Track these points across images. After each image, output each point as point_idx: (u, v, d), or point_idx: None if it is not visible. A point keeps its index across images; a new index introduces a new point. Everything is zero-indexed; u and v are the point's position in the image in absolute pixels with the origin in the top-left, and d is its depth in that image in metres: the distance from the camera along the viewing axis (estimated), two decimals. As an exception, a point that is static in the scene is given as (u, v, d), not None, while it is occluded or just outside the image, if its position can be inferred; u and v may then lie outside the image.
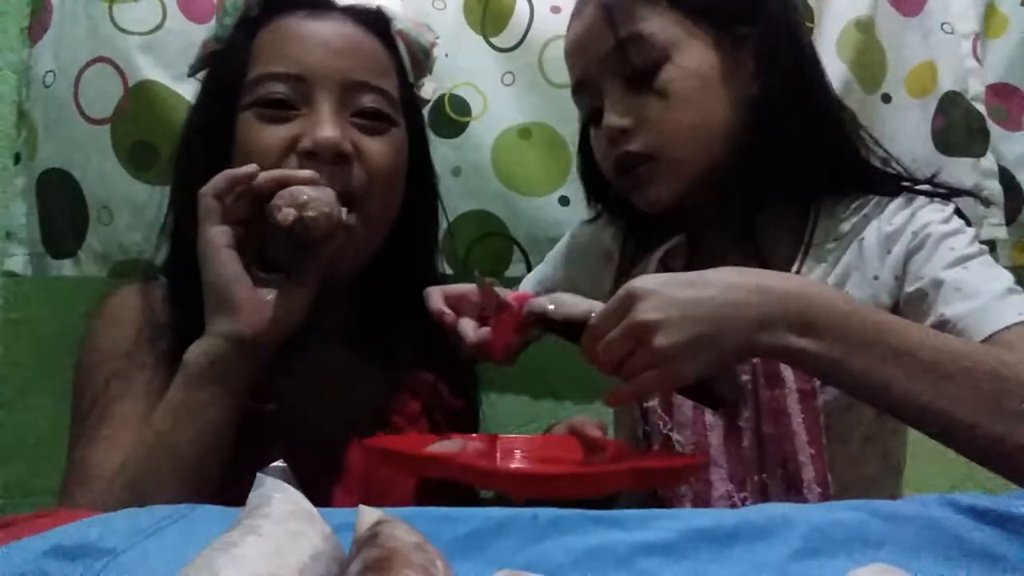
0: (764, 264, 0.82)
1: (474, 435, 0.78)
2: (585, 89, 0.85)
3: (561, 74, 1.22)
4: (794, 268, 0.82)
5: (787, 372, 0.76)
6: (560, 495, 0.68)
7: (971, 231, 0.78)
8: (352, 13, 0.82)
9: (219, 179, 0.68)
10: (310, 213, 0.66)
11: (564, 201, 1.22)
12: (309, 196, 0.67)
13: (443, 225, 0.92)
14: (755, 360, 0.77)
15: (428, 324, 0.75)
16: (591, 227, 1.00)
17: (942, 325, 0.69)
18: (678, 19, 0.79)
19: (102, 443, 0.70)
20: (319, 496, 0.43)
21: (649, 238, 0.91)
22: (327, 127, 0.73)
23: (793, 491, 0.76)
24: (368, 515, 0.40)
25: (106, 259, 1.20)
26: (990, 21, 1.21)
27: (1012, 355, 0.62)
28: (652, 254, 0.87)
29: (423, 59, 0.87)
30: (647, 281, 0.62)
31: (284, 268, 0.71)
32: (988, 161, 1.16)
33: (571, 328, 0.67)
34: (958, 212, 0.81)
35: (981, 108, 1.16)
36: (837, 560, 0.46)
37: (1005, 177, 1.18)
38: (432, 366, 0.84)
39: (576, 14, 0.85)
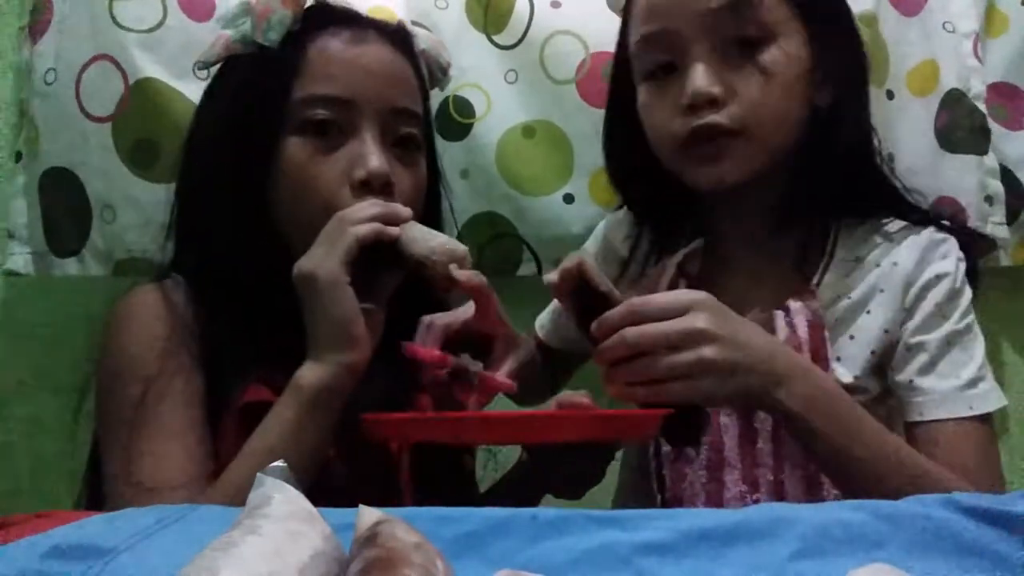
0: (783, 274, 0.82)
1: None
2: (662, 42, 0.79)
3: (562, 70, 1.23)
4: (814, 280, 0.81)
5: None
6: (520, 439, 0.73)
7: (968, 295, 0.80)
8: (385, 33, 0.82)
9: (368, 229, 0.69)
10: (465, 265, 0.70)
11: (568, 199, 1.22)
12: (458, 248, 0.71)
13: (454, 230, 0.93)
14: None
15: None
16: (610, 221, 0.99)
17: (908, 387, 0.77)
18: (785, 5, 0.77)
19: (150, 457, 0.70)
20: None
21: (664, 237, 0.90)
22: (377, 158, 0.76)
23: (812, 491, 0.76)
24: (368, 515, 0.40)
25: (109, 257, 1.20)
26: (990, 20, 1.21)
27: (933, 462, 0.71)
28: (671, 256, 0.86)
29: (440, 77, 0.89)
30: (708, 296, 0.66)
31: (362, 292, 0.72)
32: (990, 160, 1.16)
33: (599, 302, 0.67)
34: (964, 247, 0.82)
35: (982, 107, 1.16)
36: (837, 560, 0.46)
37: (1006, 176, 1.17)
38: None
39: None
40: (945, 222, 0.84)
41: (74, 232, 1.20)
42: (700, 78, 0.75)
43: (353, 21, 0.82)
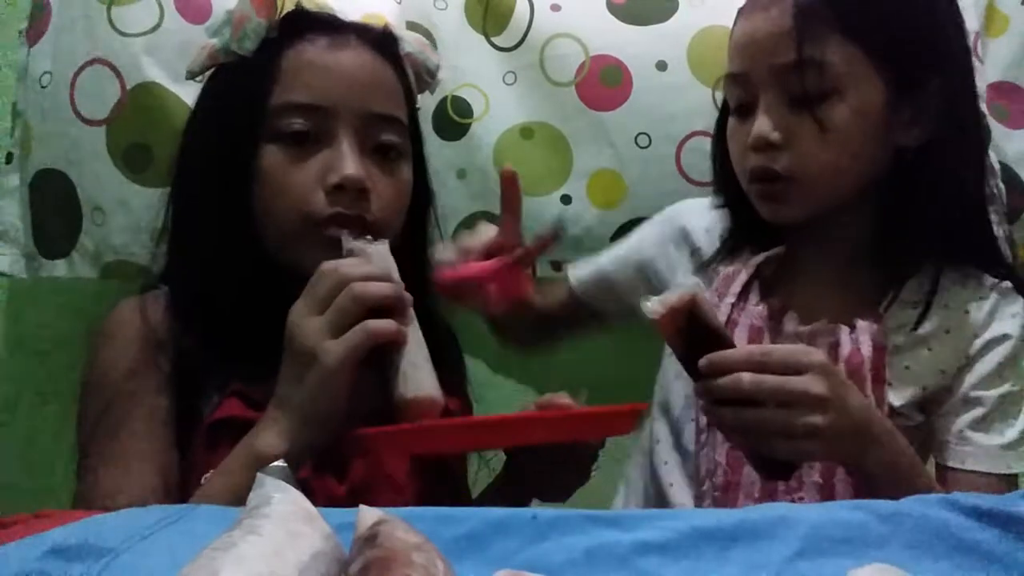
0: (852, 293, 0.83)
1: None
2: (741, 83, 0.83)
3: (561, 73, 1.23)
4: (883, 305, 0.82)
5: (868, 393, 0.78)
6: (493, 444, 0.74)
7: None
8: (366, 38, 0.81)
9: (388, 331, 0.66)
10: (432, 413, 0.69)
11: (566, 200, 1.21)
12: (435, 399, 0.68)
13: (448, 230, 0.93)
14: None
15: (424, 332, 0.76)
16: (692, 207, 1.00)
17: (959, 435, 0.80)
18: (858, 54, 0.77)
19: (108, 475, 0.71)
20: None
21: (745, 237, 0.90)
22: (351, 164, 0.75)
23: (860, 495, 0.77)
24: (368, 515, 0.41)
25: (98, 260, 1.20)
26: (991, 20, 1.20)
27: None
28: (749, 257, 0.87)
29: (429, 80, 0.88)
30: (827, 361, 0.67)
31: None
32: (990, 159, 1.16)
33: (711, 338, 0.67)
34: None
35: (982, 107, 1.16)
36: (837, 560, 0.46)
37: (1007, 175, 1.17)
38: None
39: (762, 7, 0.81)
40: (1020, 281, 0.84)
41: (64, 234, 1.20)
42: (762, 124, 0.80)
43: (332, 27, 0.81)
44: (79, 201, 1.18)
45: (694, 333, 0.67)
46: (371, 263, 0.70)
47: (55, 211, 1.19)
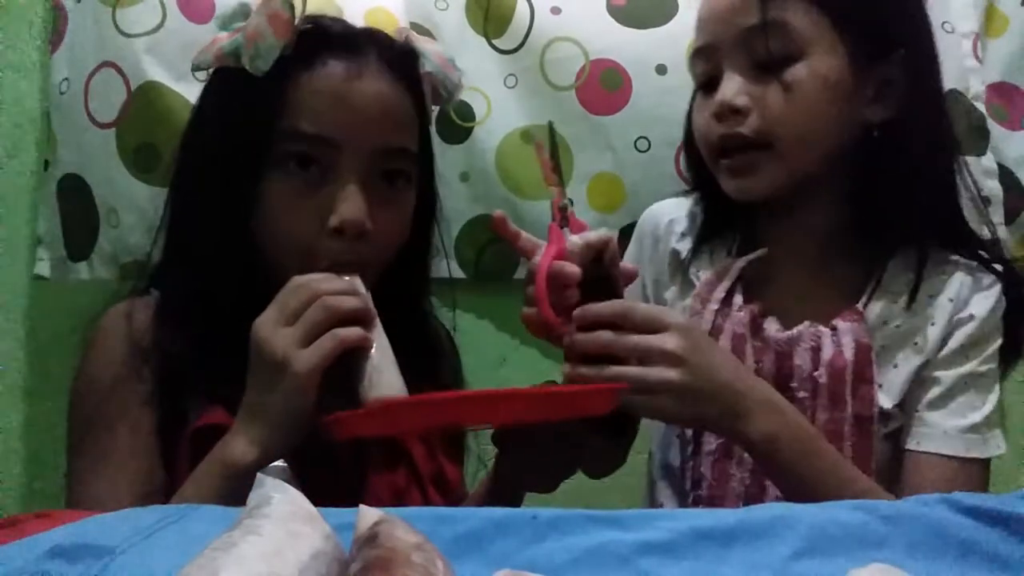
0: (831, 292, 0.82)
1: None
2: (707, 55, 0.82)
3: (562, 76, 1.24)
4: (861, 303, 0.81)
5: (848, 397, 0.77)
6: (461, 420, 0.73)
7: (996, 342, 0.81)
8: (385, 57, 0.78)
9: (356, 338, 0.66)
10: None
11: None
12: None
13: (451, 232, 0.92)
14: (820, 380, 0.78)
15: (417, 338, 0.76)
16: (661, 207, 0.99)
17: (916, 417, 0.79)
18: (823, 21, 0.77)
19: (89, 481, 0.72)
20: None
21: (718, 230, 0.90)
22: (353, 207, 0.73)
23: None
24: (368, 515, 0.40)
25: (115, 261, 1.22)
26: (990, 20, 1.21)
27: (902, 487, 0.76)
28: (726, 259, 0.87)
29: (445, 96, 0.85)
30: (692, 323, 0.70)
31: None
32: (988, 160, 1.16)
33: (598, 283, 0.69)
34: (1011, 287, 0.81)
35: (981, 107, 1.16)
36: (837, 560, 0.46)
37: (1005, 176, 1.18)
38: (422, 376, 0.83)
39: None
40: (997, 266, 0.83)
41: (85, 237, 1.23)
42: (726, 89, 0.79)
43: (351, 47, 0.77)
44: (95, 204, 1.20)
45: (593, 278, 0.69)
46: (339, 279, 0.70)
47: (77, 215, 1.22)
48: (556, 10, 1.23)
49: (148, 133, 1.17)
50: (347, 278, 0.71)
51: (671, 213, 0.95)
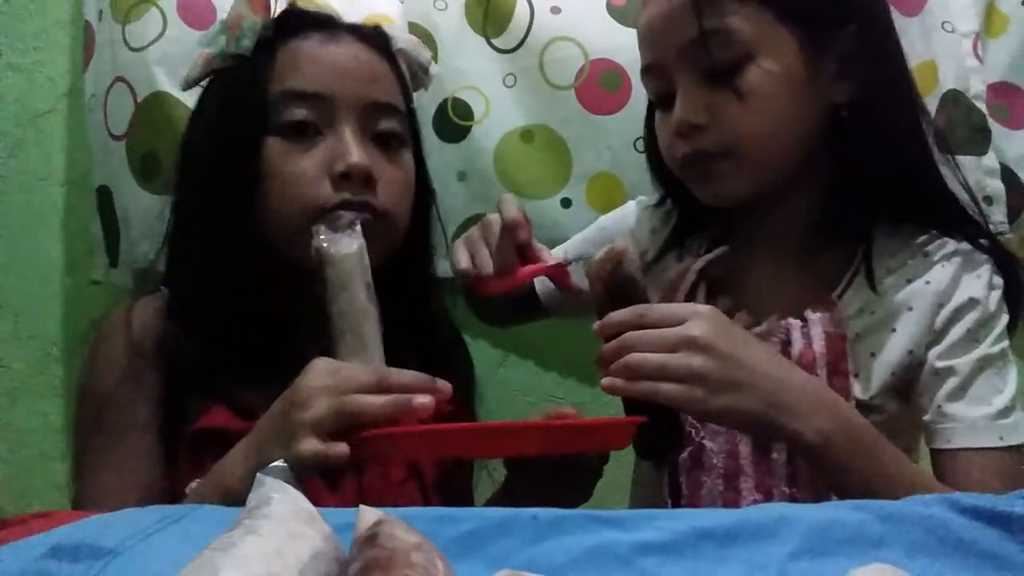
0: (805, 282, 0.81)
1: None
2: (656, 73, 0.80)
3: (561, 76, 1.23)
4: (837, 292, 0.79)
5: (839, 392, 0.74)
6: (483, 453, 0.73)
7: (1004, 320, 0.77)
8: (359, 34, 0.82)
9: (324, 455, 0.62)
10: None
11: (566, 203, 1.22)
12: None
13: (449, 232, 0.93)
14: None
15: (426, 332, 0.76)
16: (634, 207, 0.99)
17: (937, 412, 0.75)
18: (765, 16, 0.75)
19: (93, 481, 0.73)
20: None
21: (693, 230, 0.89)
22: (357, 152, 0.76)
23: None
24: (368, 515, 0.40)
25: (130, 267, 1.24)
26: (990, 20, 1.20)
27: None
28: (694, 260, 0.84)
29: (422, 76, 0.88)
30: (713, 310, 0.67)
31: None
32: (990, 159, 1.16)
33: (625, 293, 0.68)
34: (1003, 267, 0.79)
35: (982, 107, 1.16)
36: (837, 560, 0.46)
37: (1007, 175, 1.17)
38: (432, 372, 0.83)
39: None
40: (983, 241, 0.80)
41: (112, 244, 1.26)
42: (681, 108, 0.77)
43: (326, 24, 0.81)
44: (116, 213, 1.24)
45: (617, 291, 0.68)
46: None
47: (108, 224, 1.26)
48: (556, 10, 1.23)
49: (151, 143, 1.19)
50: (346, 239, 0.71)
51: (645, 213, 0.96)
